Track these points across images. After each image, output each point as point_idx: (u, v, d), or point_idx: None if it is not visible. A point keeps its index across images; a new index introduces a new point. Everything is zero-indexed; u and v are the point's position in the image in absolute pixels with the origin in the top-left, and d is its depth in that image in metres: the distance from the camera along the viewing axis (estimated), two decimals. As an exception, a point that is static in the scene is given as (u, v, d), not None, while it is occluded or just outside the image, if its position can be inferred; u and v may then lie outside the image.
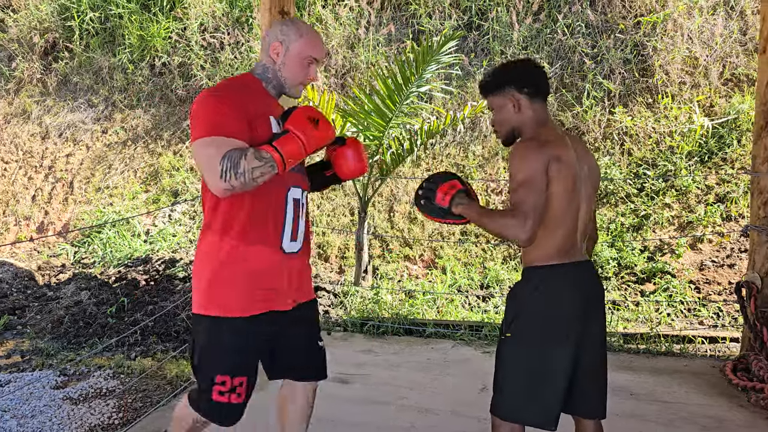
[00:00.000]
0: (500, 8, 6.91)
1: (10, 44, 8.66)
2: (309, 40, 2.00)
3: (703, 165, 5.75)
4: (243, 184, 1.78)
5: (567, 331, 1.94)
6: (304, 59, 2.00)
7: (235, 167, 1.76)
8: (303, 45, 1.99)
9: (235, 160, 1.76)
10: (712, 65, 6.20)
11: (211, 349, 1.96)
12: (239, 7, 7.84)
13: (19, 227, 7.26)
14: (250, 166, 1.77)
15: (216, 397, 1.94)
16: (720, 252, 5.24)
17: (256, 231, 1.93)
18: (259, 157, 1.79)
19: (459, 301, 5.07)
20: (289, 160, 1.84)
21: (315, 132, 1.87)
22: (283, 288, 2.00)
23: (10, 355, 4.39)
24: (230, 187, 1.78)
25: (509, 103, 2.03)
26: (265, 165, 1.79)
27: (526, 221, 1.82)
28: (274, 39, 1.99)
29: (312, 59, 2.01)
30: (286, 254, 1.99)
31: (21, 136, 8.01)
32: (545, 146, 1.90)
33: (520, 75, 2.04)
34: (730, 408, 3.21)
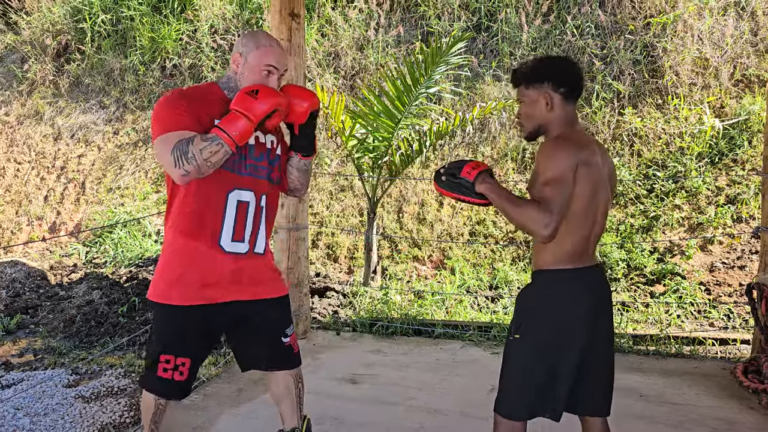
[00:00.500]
0: (509, 10, 6.91)
1: (23, 46, 8.75)
2: (265, 51, 2.08)
3: (714, 166, 5.72)
4: (197, 167, 1.94)
5: (575, 336, 1.95)
6: (262, 69, 2.08)
7: (185, 154, 1.93)
8: (260, 55, 2.08)
9: (183, 148, 1.93)
10: (723, 66, 6.18)
11: (157, 331, 2.17)
12: (249, 9, 7.88)
13: (31, 227, 7.33)
14: (197, 148, 1.93)
15: (161, 373, 2.13)
16: (730, 253, 5.21)
17: (196, 230, 2.09)
18: (205, 138, 1.94)
19: (468, 301, 5.08)
20: (234, 135, 1.95)
21: (254, 102, 1.96)
22: (222, 284, 2.13)
23: (23, 354, 4.43)
24: (185, 173, 1.95)
25: (543, 99, 1.98)
26: (211, 144, 1.93)
27: (552, 218, 1.81)
28: (235, 51, 2.13)
29: (269, 68, 2.08)
30: (228, 253, 2.12)
31: (34, 137, 8.09)
32: (577, 148, 1.89)
33: (560, 73, 2.00)
34: (741, 410, 3.20)
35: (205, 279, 2.11)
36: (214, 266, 2.11)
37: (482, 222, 5.97)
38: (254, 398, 3.37)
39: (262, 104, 1.97)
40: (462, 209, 6.13)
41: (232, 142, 1.96)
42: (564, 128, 1.98)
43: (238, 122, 1.96)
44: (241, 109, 1.96)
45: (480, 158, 6.38)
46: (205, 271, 2.11)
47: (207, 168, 1.96)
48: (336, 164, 6.79)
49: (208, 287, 2.12)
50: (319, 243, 6.25)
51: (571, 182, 1.85)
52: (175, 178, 1.99)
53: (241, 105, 1.97)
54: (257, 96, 1.97)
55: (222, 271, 2.13)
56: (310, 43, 7.27)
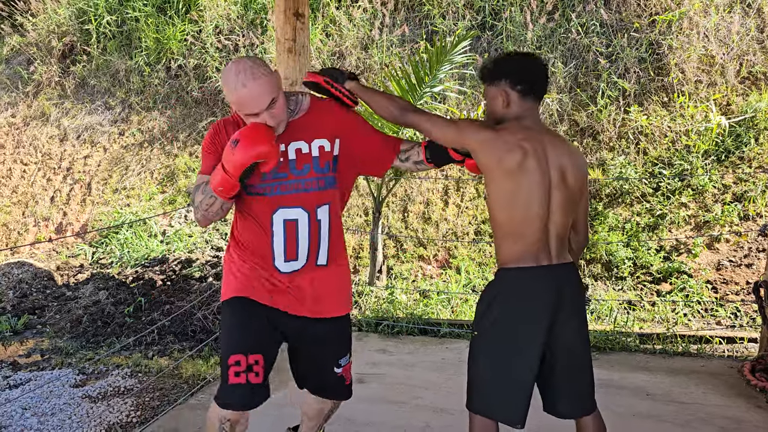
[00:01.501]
0: (514, 8, 6.90)
1: (29, 48, 8.79)
2: (237, 101, 1.86)
3: (720, 164, 5.70)
4: (203, 215, 1.94)
5: (528, 332, 1.94)
6: (246, 118, 1.92)
7: (193, 202, 1.96)
8: (237, 105, 1.88)
9: (193, 196, 1.95)
10: (729, 63, 6.15)
11: (224, 332, 2.03)
12: (254, 9, 7.89)
13: (38, 228, 7.37)
14: (198, 199, 1.93)
15: (233, 380, 1.91)
16: (737, 251, 5.19)
17: (250, 253, 2.06)
18: (204, 190, 1.92)
19: (473, 300, 5.07)
20: (219, 190, 1.86)
21: (231, 156, 1.80)
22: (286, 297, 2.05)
23: (31, 354, 4.45)
24: (197, 220, 1.99)
25: (500, 96, 1.99)
26: (206, 197, 1.91)
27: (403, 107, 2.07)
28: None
29: (250, 116, 1.89)
30: (284, 274, 2.04)
31: (40, 139, 8.12)
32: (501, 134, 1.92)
33: (517, 70, 1.99)
34: (748, 409, 3.19)
35: (269, 288, 2.05)
36: (274, 282, 2.05)
37: (487, 221, 5.96)
38: (260, 398, 3.37)
39: (238, 158, 1.80)
40: (467, 208, 6.13)
41: (222, 195, 1.88)
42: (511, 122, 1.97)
43: (219, 177, 1.85)
44: (223, 161, 1.84)
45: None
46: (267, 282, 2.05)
47: (213, 215, 1.94)
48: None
49: (273, 293, 2.05)
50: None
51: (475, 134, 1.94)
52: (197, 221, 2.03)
53: (224, 157, 1.84)
54: (236, 148, 1.80)
55: (281, 289, 2.05)
56: (315, 43, 7.27)
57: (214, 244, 6.40)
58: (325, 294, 2.09)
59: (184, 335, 4.63)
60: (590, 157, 6.08)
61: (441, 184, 6.39)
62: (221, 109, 7.60)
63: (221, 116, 7.54)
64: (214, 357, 4.20)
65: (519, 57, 2.11)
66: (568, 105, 6.38)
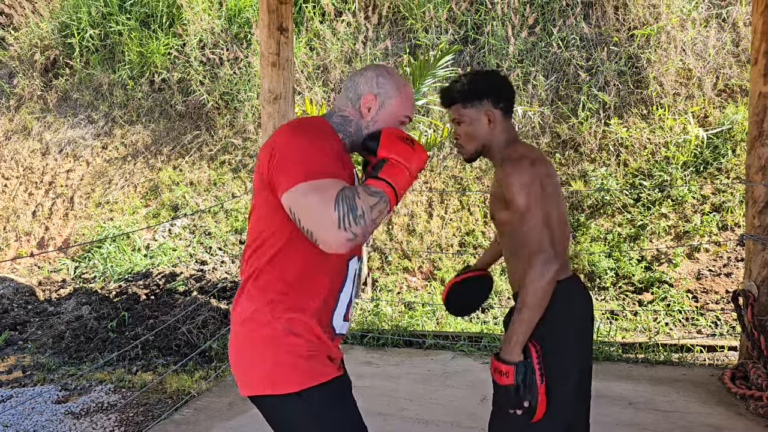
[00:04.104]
0: (495, 22, 6.99)
1: (11, 61, 8.74)
2: (407, 98, 1.69)
3: (699, 175, 5.80)
4: (364, 229, 1.40)
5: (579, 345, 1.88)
6: (398, 119, 1.68)
7: (353, 210, 1.39)
8: (400, 104, 1.67)
9: (350, 202, 1.40)
10: (706, 76, 6.28)
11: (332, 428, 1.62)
12: (238, 23, 7.92)
13: (19, 243, 7.29)
14: (367, 204, 1.42)
15: None
16: (717, 261, 5.27)
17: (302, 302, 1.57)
18: (371, 192, 1.45)
19: (458, 312, 5.09)
20: (401, 191, 1.53)
21: (414, 154, 1.56)
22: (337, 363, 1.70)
23: (12, 371, 4.40)
24: (352, 236, 1.39)
25: (484, 117, 1.89)
26: (380, 201, 1.46)
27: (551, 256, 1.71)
28: (368, 90, 1.66)
29: (407, 118, 1.71)
30: (337, 336, 1.67)
31: (21, 153, 8.06)
32: (536, 164, 1.79)
33: (497, 88, 1.91)
34: (729, 416, 3.23)
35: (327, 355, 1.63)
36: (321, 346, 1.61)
37: (471, 233, 6.01)
38: (245, 412, 3.37)
39: (420, 160, 1.56)
40: (451, 220, 6.17)
41: (396, 199, 1.51)
42: (511, 145, 1.89)
43: (402, 174, 1.52)
44: (402, 159, 1.53)
45: (469, 169, 6.43)
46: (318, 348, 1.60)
47: (370, 232, 1.44)
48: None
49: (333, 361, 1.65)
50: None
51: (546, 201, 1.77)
52: (334, 243, 1.39)
53: (402, 154, 1.53)
54: (414, 147, 1.56)
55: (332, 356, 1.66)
56: (299, 57, 7.31)
57: (198, 257, 6.37)
58: None
59: (168, 350, 4.60)
60: (572, 168, 6.16)
61: (425, 196, 6.43)
62: (205, 122, 7.60)
63: (205, 130, 7.54)
64: (198, 371, 4.18)
65: (493, 75, 1.96)
66: (549, 117, 6.46)
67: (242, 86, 7.49)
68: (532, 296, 1.71)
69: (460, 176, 6.45)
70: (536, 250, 1.73)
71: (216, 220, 6.81)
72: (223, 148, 7.36)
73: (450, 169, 6.53)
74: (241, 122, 7.43)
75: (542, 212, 1.75)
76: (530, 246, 1.75)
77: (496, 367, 1.76)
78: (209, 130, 7.55)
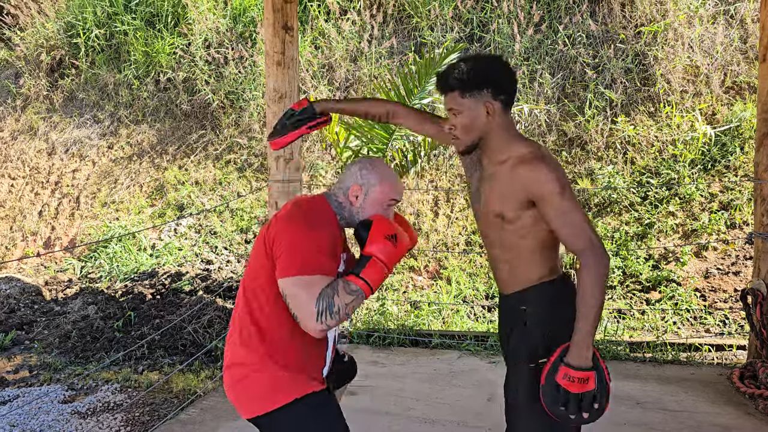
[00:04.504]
0: (501, 20, 6.97)
1: (18, 62, 8.77)
2: (389, 185, 1.94)
3: (707, 173, 5.76)
4: (338, 321, 1.73)
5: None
6: (383, 204, 1.94)
7: (330, 307, 1.71)
8: (383, 191, 1.93)
9: (329, 300, 1.71)
10: (714, 73, 6.23)
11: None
12: (243, 22, 7.92)
13: (26, 243, 7.31)
14: (343, 302, 1.72)
15: None
16: (725, 259, 5.23)
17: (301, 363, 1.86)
18: (350, 291, 1.74)
19: (464, 311, 5.08)
20: (375, 287, 1.79)
21: (394, 249, 1.80)
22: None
23: (18, 370, 4.41)
24: (326, 327, 1.72)
25: (483, 108, 1.78)
26: (357, 298, 1.75)
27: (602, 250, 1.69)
28: (353, 181, 1.94)
29: (393, 202, 1.96)
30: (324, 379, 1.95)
31: (28, 153, 8.08)
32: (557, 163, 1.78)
33: (499, 78, 1.80)
34: (738, 416, 3.21)
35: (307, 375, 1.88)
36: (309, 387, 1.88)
37: (478, 231, 5.98)
38: (251, 411, 3.36)
39: (399, 252, 1.81)
40: (457, 219, 6.15)
41: (370, 293, 1.78)
42: (525, 141, 1.83)
43: (378, 272, 1.78)
44: (383, 258, 1.78)
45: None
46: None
47: (344, 320, 1.76)
48: (331, 176, 6.80)
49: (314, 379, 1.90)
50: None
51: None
52: (310, 330, 1.73)
53: (383, 252, 1.78)
54: (396, 243, 1.80)
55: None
56: (304, 56, 7.30)
57: (203, 257, 6.38)
58: None
59: (174, 349, 4.60)
60: (578, 166, 6.13)
61: (431, 195, 6.41)
62: (210, 122, 7.60)
63: (210, 129, 7.54)
64: (204, 371, 4.18)
65: (496, 62, 1.85)
66: (555, 115, 6.43)
67: (247, 85, 7.49)
68: (596, 295, 1.67)
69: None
70: (588, 246, 1.69)
71: (221, 219, 6.81)
72: (228, 148, 7.36)
73: (456, 168, 6.51)
74: (247, 121, 7.42)
75: (581, 207, 1.74)
76: (576, 244, 1.71)
77: (574, 376, 1.69)
78: (214, 129, 7.55)
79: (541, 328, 1.84)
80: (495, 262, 1.95)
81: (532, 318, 1.86)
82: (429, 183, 6.50)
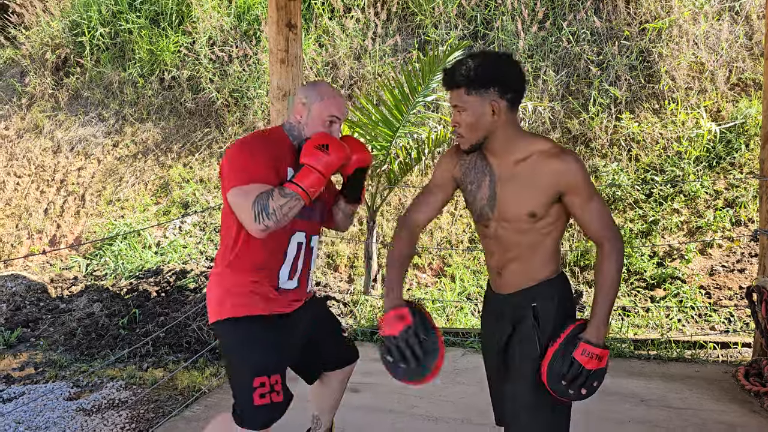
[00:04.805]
0: (505, 17, 6.95)
1: (23, 60, 8.80)
2: (330, 102, 2.13)
3: (711, 170, 5.74)
4: (276, 221, 1.95)
5: None
6: (325, 120, 2.13)
7: (265, 208, 1.93)
8: (324, 106, 2.12)
9: (263, 203, 1.93)
10: (719, 70, 6.20)
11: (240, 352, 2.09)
12: (247, 20, 7.92)
13: (31, 240, 7.34)
14: (277, 204, 1.94)
15: (258, 402, 2.02)
16: (730, 257, 5.22)
17: (258, 270, 2.11)
18: (284, 194, 1.96)
19: (468, 308, 5.08)
20: (311, 190, 1.99)
21: (326, 157, 2.00)
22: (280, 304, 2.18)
23: (24, 368, 4.43)
24: (265, 227, 1.94)
25: (489, 108, 1.74)
26: (291, 200, 1.96)
27: (621, 237, 1.82)
28: (298, 102, 2.16)
29: (332, 119, 2.13)
30: (281, 290, 2.17)
31: (33, 151, 8.11)
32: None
33: (507, 77, 1.75)
34: (743, 414, 3.20)
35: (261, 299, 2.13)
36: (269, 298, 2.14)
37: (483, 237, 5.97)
38: (255, 408, 3.37)
39: (333, 159, 2.02)
40: (461, 216, 6.14)
41: (307, 197, 2.00)
42: (536, 137, 1.82)
43: (312, 177, 2.00)
44: (314, 164, 2.00)
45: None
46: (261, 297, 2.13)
47: (285, 222, 1.99)
48: (335, 173, 6.80)
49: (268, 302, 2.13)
50: (319, 252, 6.26)
51: None
52: (254, 232, 1.97)
53: (313, 160, 2.00)
54: (328, 151, 2.01)
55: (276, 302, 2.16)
56: (308, 54, 7.30)
57: (208, 254, 6.39)
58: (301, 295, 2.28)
59: (179, 346, 4.62)
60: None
61: (435, 192, 6.40)
62: (215, 120, 7.61)
63: (215, 127, 7.55)
64: (208, 368, 4.19)
65: (505, 60, 1.79)
66: (560, 113, 6.42)
67: (251, 83, 7.50)
68: (617, 279, 1.79)
69: (469, 172, 6.41)
70: (614, 234, 1.78)
71: (226, 217, 6.81)
72: (232, 146, 7.37)
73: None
74: (251, 119, 7.43)
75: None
76: (602, 231, 1.79)
77: (594, 352, 1.76)
78: (219, 127, 7.56)
79: (553, 323, 1.87)
80: (504, 263, 1.94)
81: (543, 313, 1.89)
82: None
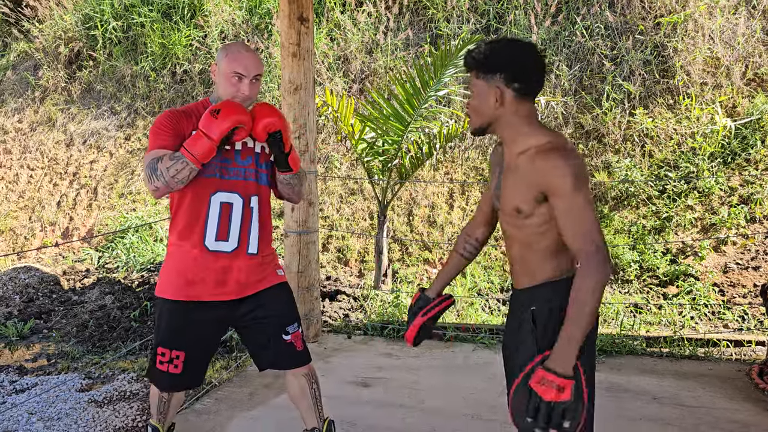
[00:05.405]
0: (518, 11, 6.90)
1: (36, 54, 8.85)
2: (234, 57, 2.20)
3: (726, 166, 5.67)
4: (165, 183, 2.10)
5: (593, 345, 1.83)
6: (231, 76, 2.19)
7: (154, 170, 2.10)
8: (228, 62, 2.19)
9: (153, 165, 2.11)
10: (734, 65, 6.13)
11: (156, 324, 2.35)
12: (258, 14, 7.91)
13: (44, 233, 7.40)
14: (165, 166, 2.09)
15: (158, 366, 2.32)
16: (744, 254, 5.16)
17: (185, 231, 2.26)
18: (172, 157, 2.10)
19: (479, 304, 5.06)
20: (198, 154, 2.09)
21: (214, 121, 2.08)
22: (207, 283, 2.26)
23: (37, 359, 4.46)
24: (155, 188, 2.12)
25: (492, 94, 1.69)
26: (177, 162, 2.09)
27: (607, 257, 1.59)
28: (213, 64, 2.29)
29: (237, 75, 2.19)
30: (211, 252, 2.25)
31: (46, 144, 8.16)
32: (577, 154, 1.67)
33: (516, 64, 1.68)
34: (757, 412, 3.16)
35: (189, 277, 2.25)
36: (196, 264, 2.25)
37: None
38: (266, 402, 3.38)
39: (221, 123, 2.08)
40: (472, 211, 6.12)
41: (195, 160, 2.09)
42: (542, 130, 1.73)
43: (200, 141, 2.09)
44: (203, 128, 2.09)
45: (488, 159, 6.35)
46: (190, 269, 2.25)
47: (176, 183, 2.12)
48: (346, 168, 6.80)
49: (191, 285, 2.25)
50: (330, 246, 6.26)
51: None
52: (151, 193, 2.15)
53: (204, 124, 2.09)
54: (218, 115, 2.08)
55: (206, 270, 2.26)
56: (320, 47, 7.29)
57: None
58: (254, 280, 2.33)
59: (190, 339, 4.63)
60: (596, 159, 6.07)
61: (446, 187, 6.39)
62: (226, 113, 7.62)
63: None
64: (219, 361, 4.20)
65: (519, 47, 1.71)
66: (572, 108, 6.37)
67: (263, 77, 7.49)
68: (590, 300, 1.55)
69: (481, 167, 6.39)
70: (593, 250, 1.58)
71: (237, 211, 6.83)
72: (243, 139, 7.38)
73: (472, 161, 6.47)
74: (262, 113, 7.43)
75: (593, 208, 1.62)
76: (580, 244, 1.60)
77: (553, 381, 1.55)
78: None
79: (551, 333, 1.70)
80: (510, 257, 1.92)
81: (540, 319, 1.75)
82: (444, 175, 6.47)
